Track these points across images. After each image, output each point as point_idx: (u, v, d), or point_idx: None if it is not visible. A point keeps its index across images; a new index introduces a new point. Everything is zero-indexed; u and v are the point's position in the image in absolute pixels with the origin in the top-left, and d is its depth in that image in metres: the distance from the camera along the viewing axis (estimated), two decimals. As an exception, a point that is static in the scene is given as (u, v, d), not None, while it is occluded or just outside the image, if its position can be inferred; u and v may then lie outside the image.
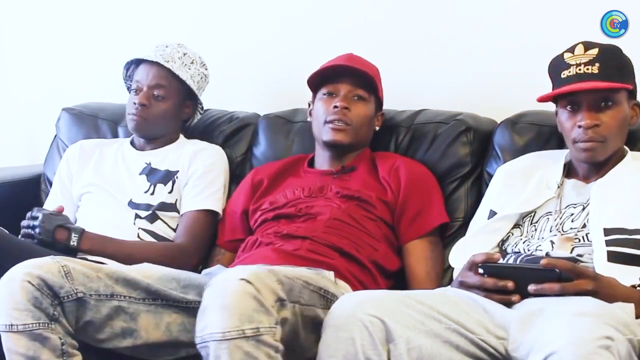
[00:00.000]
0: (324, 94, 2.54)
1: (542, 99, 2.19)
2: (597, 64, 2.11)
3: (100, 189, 2.68)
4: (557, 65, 2.17)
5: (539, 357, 1.70)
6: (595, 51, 2.13)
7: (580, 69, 2.12)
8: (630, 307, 1.88)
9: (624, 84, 2.12)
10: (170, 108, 2.69)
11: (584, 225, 2.11)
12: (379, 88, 2.57)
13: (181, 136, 2.79)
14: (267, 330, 1.82)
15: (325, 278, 2.15)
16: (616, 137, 2.15)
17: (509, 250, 2.18)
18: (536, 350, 1.72)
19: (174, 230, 2.62)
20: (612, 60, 2.13)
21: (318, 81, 2.56)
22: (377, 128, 2.61)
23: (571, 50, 2.16)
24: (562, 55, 2.17)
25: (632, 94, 2.18)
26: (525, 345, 1.80)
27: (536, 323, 1.81)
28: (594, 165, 2.18)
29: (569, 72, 2.13)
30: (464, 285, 2.00)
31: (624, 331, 1.75)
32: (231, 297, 1.82)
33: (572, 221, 2.14)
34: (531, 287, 1.89)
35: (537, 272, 1.90)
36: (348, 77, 2.53)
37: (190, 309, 2.12)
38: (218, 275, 1.90)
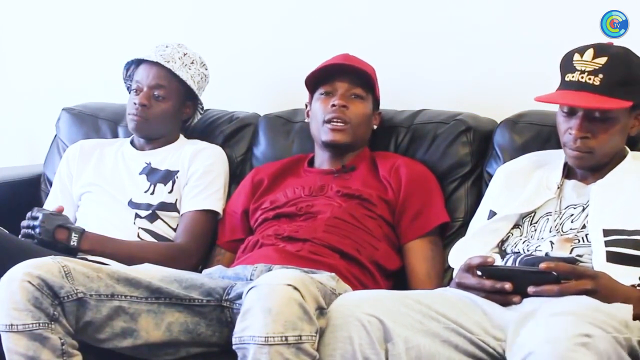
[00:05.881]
0: (322, 94, 2.54)
1: (539, 100, 2.17)
2: (600, 75, 2.06)
3: (100, 189, 2.68)
4: (565, 64, 2.14)
5: (516, 357, 1.70)
6: (603, 60, 2.08)
7: (582, 77, 2.08)
8: (628, 308, 1.88)
9: (623, 101, 2.07)
10: (170, 108, 2.69)
11: (584, 226, 2.11)
12: (376, 86, 2.57)
13: (181, 136, 2.79)
14: (308, 339, 1.80)
15: (332, 280, 2.14)
16: (608, 147, 2.13)
17: (508, 250, 2.18)
18: (514, 352, 1.72)
19: (174, 230, 2.62)
20: (618, 73, 2.08)
21: (315, 81, 2.56)
22: (375, 127, 2.61)
23: (581, 52, 2.11)
24: (573, 54, 2.13)
25: (637, 105, 2.13)
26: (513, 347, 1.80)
27: (526, 325, 1.81)
28: (588, 169, 2.18)
29: (573, 76, 2.10)
30: (462, 287, 2.01)
31: (606, 329, 1.74)
32: (277, 302, 1.79)
33: (571, 222, 2.14)
34: (530, 290, 1.89)
35: (535, 275, 1.91)
36: (345, 76, 2.53)
37: (193, 307, 2.11)
38: (263, 278, 1.88)
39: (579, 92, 2.08)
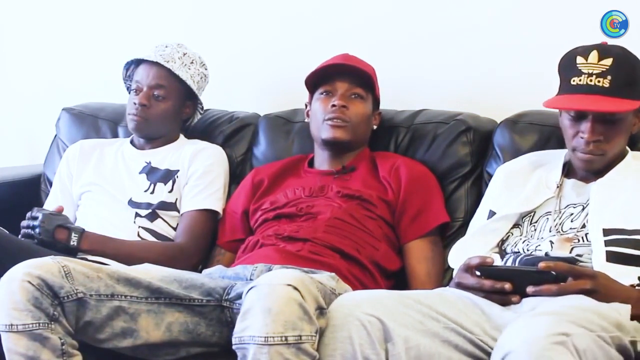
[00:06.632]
0: (322, 94, 2.55)
1: (548, 106, 2.14)
2: (609, 77, 2.05)
3: (100, 188, 2.69)
4: (568, 68, 2.12)
5: (496, 358, 1.70)
6: (609, 61, 2.06)
7: (591, 80, 2.06)
8: (626, 308, 1.87)
9: (633, 101, 2.07)
10: (170, 108, 2.69)
11: (584, 226, 2.10)
12: (376, 86, 2.57)
13: (181, 136, 2.80)
14: (308, 339, 1.80)
15: (332, 280, 2.14)
16: (617, 148, 2.14)
17: (508, 250, 2.18)
18: (495, 351, 1.73)
19: (175, 229, 2.62)
20: (624, 74, 2.07)
21: (315, 81, 2.56)
22: (375, 127, 2.61)
23: (585, 55, 2.09)
24: (574, 57, 2.11)
25: None
26: None
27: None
28: (596, 171, 2.18)
29: (580, 80, 2.08)
30: (461, 287, 2.01)
31: (590, 327, 1.73)
32: (277, 302, 1.79)
33: (571, 221, 2.13)
34: (529, 289, 1.89)
35: (534, 274, 1.91)
36: (345, 76, 2.53)
37: (193, 307, 2.11)
38: (262, 277, 1.88)
39: (589, 96, 2.06)
